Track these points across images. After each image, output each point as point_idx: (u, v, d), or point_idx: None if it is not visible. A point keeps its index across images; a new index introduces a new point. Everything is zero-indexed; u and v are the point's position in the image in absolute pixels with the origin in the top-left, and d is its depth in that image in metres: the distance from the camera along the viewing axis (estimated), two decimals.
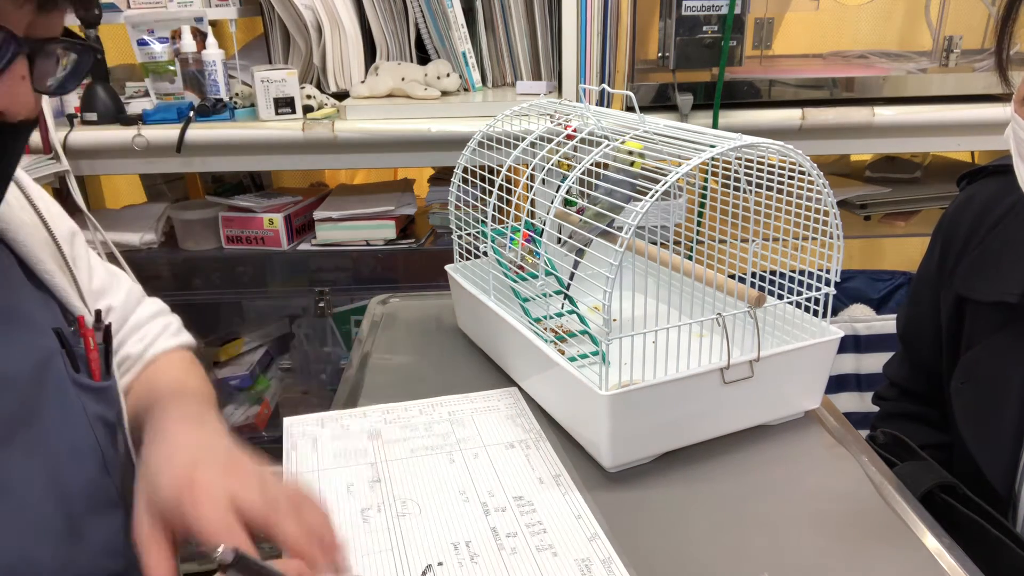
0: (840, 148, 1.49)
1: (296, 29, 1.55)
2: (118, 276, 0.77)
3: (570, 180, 0.71)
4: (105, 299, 0.74)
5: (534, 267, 0.81)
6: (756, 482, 0.68)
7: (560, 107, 0.87)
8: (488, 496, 0.65)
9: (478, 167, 0.88)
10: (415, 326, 1.03)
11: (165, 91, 1.49)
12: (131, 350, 0.75)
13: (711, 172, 0.79)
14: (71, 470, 0.59)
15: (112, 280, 0.75)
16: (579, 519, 0.62)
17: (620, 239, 0.62)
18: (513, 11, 1.52)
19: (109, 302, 0.75)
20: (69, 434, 0.60)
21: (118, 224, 1.58)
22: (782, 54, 1.60)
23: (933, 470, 0.76)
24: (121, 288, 0.76)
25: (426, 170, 1.81)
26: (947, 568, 0.57)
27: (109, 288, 0.75)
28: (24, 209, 0.65)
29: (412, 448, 0.73)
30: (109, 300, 0.75)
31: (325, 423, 0.77)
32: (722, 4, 1.30)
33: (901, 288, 1.64)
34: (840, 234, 0.71)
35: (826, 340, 0.73)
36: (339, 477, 0.68)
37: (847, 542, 0.60)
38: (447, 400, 0.81)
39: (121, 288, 0.76)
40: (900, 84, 1.40)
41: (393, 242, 1.55)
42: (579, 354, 0.77)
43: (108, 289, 0.75)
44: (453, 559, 0.58)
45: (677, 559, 0.59)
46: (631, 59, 1.38)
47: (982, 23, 1.52)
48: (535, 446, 0.73)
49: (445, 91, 1.49)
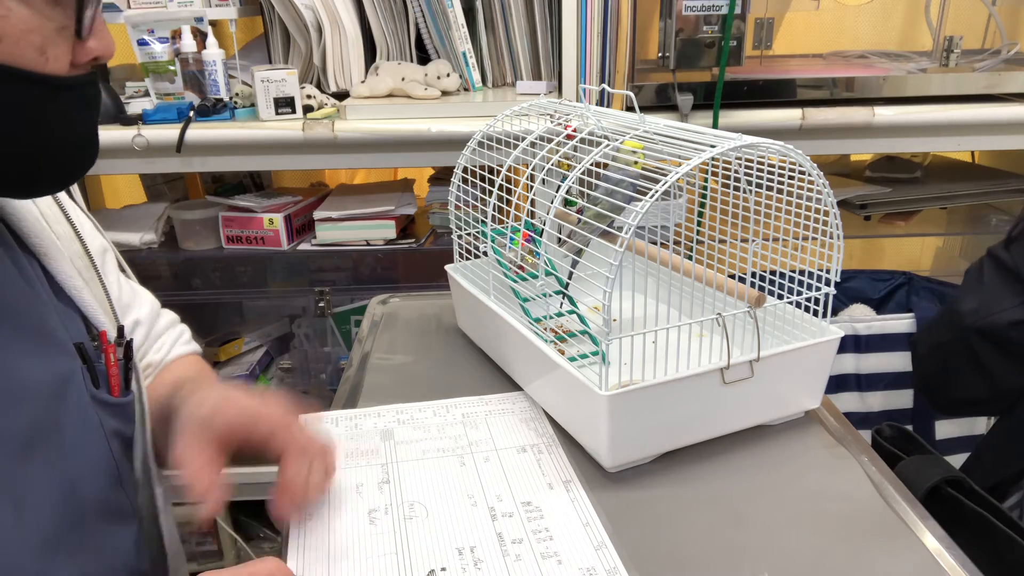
0: (840, 148, 1.48)
1: (296, 29, 1.55)
2: (138, 291, 0.80)
3: (570, 180, 0.71)
4: (132, 313, 0.76)
5: (534, 267, 0.81)
6: (756, 482, 0.68)
7: (560, 107, 0.87)
8: (496, 501, 0.65)
9: (478, 167, 0.88)
10: (415, 326, 1.03)
11: (165, 91, 1.49)
12: (152, 358, 0.78)
13: (711, 172, 0.79)
14: (86, 484, 0.60)
15: (134, 295, 0.78)
16: (587, 527, 0.62)
17: (620, 239, 0.62)
18: (513, 11, 1.52)
19: (136, 316, 0.77)
20: (86, 449, 0.60)
21: (118, 224, 1.58)
22: (782, 54, 1.61)
23: (940, 464, 0.76)
24: (144, 302, 0.79)
25: (426, 170, 1.81)
26: (947, 568, 0.57)
27: (133, 303, 0.77)
28: (59, 222, 0.66)
29: (424, 450, 0.72)
30: (135, 314, 0.77)
31: (339, 422, 0.77)
32: (722, 4, 1.30)
33: (901, 288, 1.63)
34: (840, 234, 0.71)
35: (826, 340, 0.73)
36: (349, 477, 0.68)
37: (847, 542, 0.60)
38: (461, 402, 0.81)
39: (144, 302, 0.79)
40: (900, 84, 1.40)
41: (393, 242, 1.55)
42: (579, 354, 0.76)
43: (132, 304, 0.77)
44: (456, 564, 0.58)
45: (676, 558, 0.59)
46: (631, 59, 1.38)
47: (982, 23, 1.52)
48: (547, 451, 0.72)
49: (445, 91, 1.48)
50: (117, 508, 0.64)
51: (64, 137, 0.52)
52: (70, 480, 0.58)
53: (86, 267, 0.67)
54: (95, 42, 0.51)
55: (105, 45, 0.52)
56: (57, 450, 0.57)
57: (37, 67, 0.48)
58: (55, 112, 0.50)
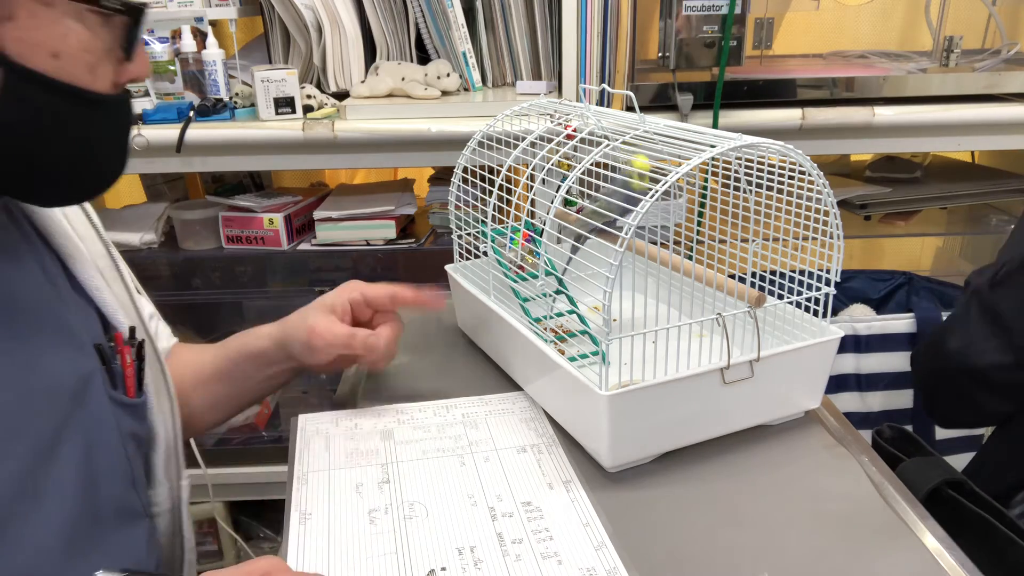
0: (840, 148, 1.48)
1: (296, 29, 1.55)
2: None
3: (570, 180, 0.71)
4: (147, 307, 0.79)
5: (534, 267, 0.81)
6: (756, 482, 0.68)
7: (560, 107, 0.87)
8: (496, 501, 0.65)
9: (478, 167, 0.88)
10: (415, 326, 1.02)
11: (165, 91, 1.48)
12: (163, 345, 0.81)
13: (711, 172, 0.79)
14: (104, 484, 0.61)
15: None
16: (587, 527, 0.62)
17: (620, 239, 0.62)
18: (513, 11, 1.52)
19: (150, 309, 0.80)
20: (104, 449, 0.62)
21: (118, 224, 1.58)
22: (782, 54, 1.61)
23: (941, 465, 0.76)
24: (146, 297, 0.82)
25: (426, 170, 1.81)
26: (947, 568, 0.57)
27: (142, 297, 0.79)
28: (81, 223, 0.68)
29: (424, 450, 0.72)
30: (149, 307, 0.80)
31: (339, 421, 0.77)
32: (722, 4, 1.30)
33: (901, 288, 1.63)
34: (840, 234, 0.71)
35: (826, 340, 0.73)
36: (349, 477, 0.68)
37: (847, 542, 0.60)
38: (461, 402, 0.81)
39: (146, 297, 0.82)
40: (900, 84, 1.40)
41: (393, 242, 1.55)
42: (579, 354, 0.76)
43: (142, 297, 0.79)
44: (456, 564, 0.58)
45: (676, 558, 0.59)
46: (631, 59, 1.38)
47: (982, 23, 1.52)
48: (547, 451, 0.72)
49: (445, 91, 1.48)
50: (129, 508, 0.65)
51: (100, 150, 0.55)
52: (90, 480, 0.59)
53: (108, 267, 0.68)
54: (135, 64, 0.55)
55: (143, 67, 0.55)
56: (79, 450, 0.58)
57: (86, 84, 0.51)
58: (96, 127, 0.53)
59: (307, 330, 0.75)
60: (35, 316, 0.58)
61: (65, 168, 0.54)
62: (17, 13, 0.46)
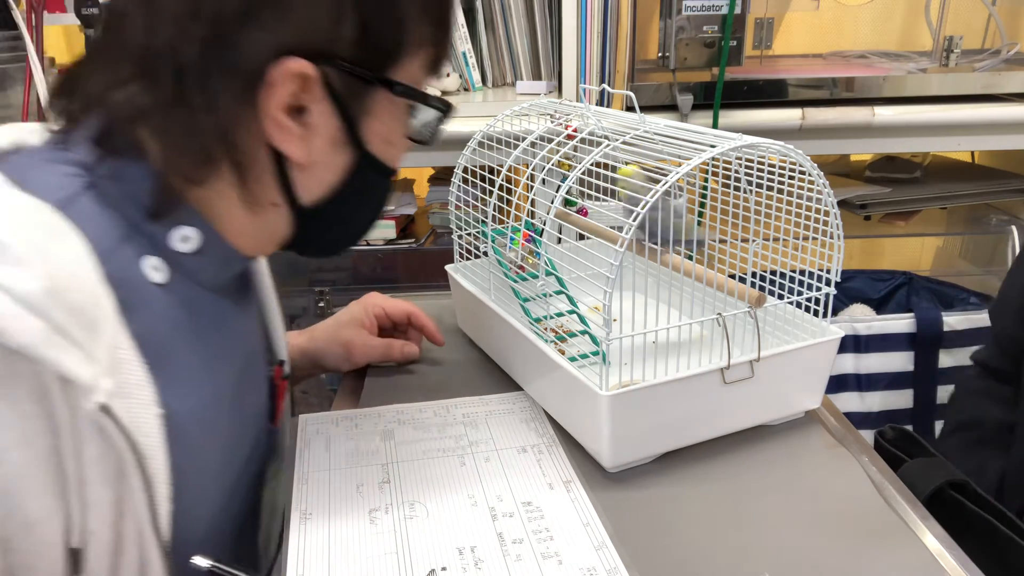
0: (840, 148, 1.48)
1: None
2: None
3: (570, 180, 0.71)
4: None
5: (534, 267, 0.81)
6: (756, 482, 0.68)
7: (560, 107, 0.87)
8: (497, 501, 0.65)
9: (478, 167, 0.88)
10: None
11: None
12: None
13: (711, 172, 0.79)
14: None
15: None
16: (587, 527, 0.62)
17: (620, 239, 0.62)
18: (513, 11, 1.52)
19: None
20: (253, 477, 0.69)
21: None
22: (782, 54, 1.61)
23: (943, 467, 0.76)
24: None
25: (426, 170, 1.81)
26: (947, 568, 0.57)
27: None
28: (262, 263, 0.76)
29: (424, 450, 0.72)
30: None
31: (339, 422, 0.77)
32: (722, 4, 1.30)
33: (901, 288, 1.64)
34: (840, 234, 0.71)
35: (826, 340, 0.73)
36: (349, 477, 0.68)
37: (847, 542, 0.60)
38: (462, 402, 0.81)
39: None
40: (900, 84, 1.40)
41: (393, 242, 1.55)
42: (579, 354, 0.76)
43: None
44: (457, 564, 0.58)
45: (677, 558, 0.59)
46: (631, 59, 1.38)
47: (982, 23, 1.52)
48: (547, 451, 0.72)
49: (445, 91, 1.48)
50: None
51: (380, 215, 0.65)
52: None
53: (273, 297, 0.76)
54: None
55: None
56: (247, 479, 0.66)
57: (395, 163, 0.60)
58: (387, 196, 0.64)
59: (344, 345, 0.87)
60: (253, 362, 0.66)
61: (364, 230, 0.65)
62: (375, 109, 0.55)
